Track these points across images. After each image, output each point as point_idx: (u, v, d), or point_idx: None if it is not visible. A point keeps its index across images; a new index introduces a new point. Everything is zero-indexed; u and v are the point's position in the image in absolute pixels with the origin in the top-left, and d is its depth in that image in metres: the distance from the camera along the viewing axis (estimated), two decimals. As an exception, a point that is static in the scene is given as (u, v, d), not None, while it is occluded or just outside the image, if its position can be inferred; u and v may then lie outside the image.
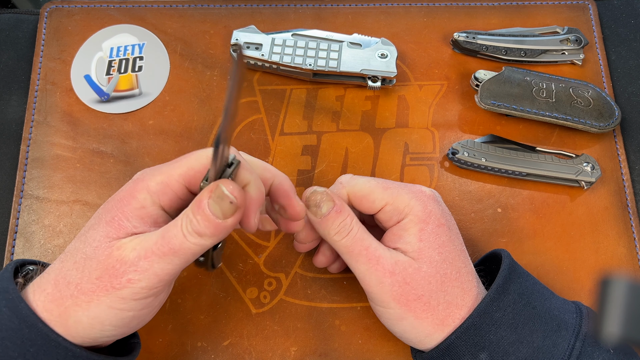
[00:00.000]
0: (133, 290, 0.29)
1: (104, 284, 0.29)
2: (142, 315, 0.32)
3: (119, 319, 0.30)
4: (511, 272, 0.36)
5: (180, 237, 0.29)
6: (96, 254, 0.30)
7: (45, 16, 0.50)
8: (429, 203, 0.36)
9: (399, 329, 0.35)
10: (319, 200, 0.35)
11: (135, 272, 0.29)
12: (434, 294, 0.34)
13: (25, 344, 0.29)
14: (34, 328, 0.29)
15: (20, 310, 0.30)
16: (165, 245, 0.29)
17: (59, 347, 0.30)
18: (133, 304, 0.30)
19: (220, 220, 0.28)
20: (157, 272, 0.29)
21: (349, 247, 0.35)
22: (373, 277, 0.34)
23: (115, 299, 0.29)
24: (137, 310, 0.31)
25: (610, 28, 0.53)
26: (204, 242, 0.29)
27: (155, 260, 0.29)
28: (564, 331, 0.34)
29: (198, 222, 0.28)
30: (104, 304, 0.29)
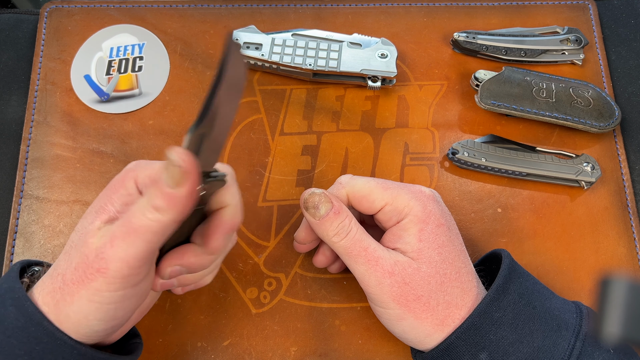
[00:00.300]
0: (105, 280, 0.28)
1: (79, 275, 0.29)
2: (126, 306, 0.30)
3: (102, 313, 0.29)
4: (511, 272, 0.36)
5: (138, 215, 0.28)
6: (79, 242, 0.30)
7: (45, 16, 0.50)
8: (429, 203, 0.36)
9: (398, 329, 0.35)
10: (317, 202, 0.35)
11: (102, 260, 0.28)
12: (434, 294, 0.34)
13: (31, 342, 0.29)
14: (39, 326, 0.29)
15: (27, 309, 0.30)
16: (125, 225, 0.28)
17: (65, 345, 0.30)
18: (110, 296, 0.29)
19: (172, 189, 0.27)
20: (122, 256, 0.28)
21: (347, 248, 0.35)
22: (372, 277, 0.34)
23: (92, 292, 0.29)
24: (117, 302, 0.29)
25: (610, 28, 0.53)
26: (162, 217, 0.27)
27: (118, 244, 0.28)
28: (564, 331, 0.34)
29: (154, 196, 0.27)
30: (83, 297, 0.29)
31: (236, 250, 0.43)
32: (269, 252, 0.43)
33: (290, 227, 0.44)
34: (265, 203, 0.45)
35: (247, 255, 0.43)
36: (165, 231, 0.28)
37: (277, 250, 0.43)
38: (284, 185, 0.45)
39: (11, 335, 0.29)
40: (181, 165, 0.26)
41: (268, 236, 0.44)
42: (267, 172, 0.46)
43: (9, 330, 0.29)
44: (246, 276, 0.43)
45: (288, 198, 0.45)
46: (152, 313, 0.39)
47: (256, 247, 0.43)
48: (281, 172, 0.46)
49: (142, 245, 0.28)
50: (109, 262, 0.28)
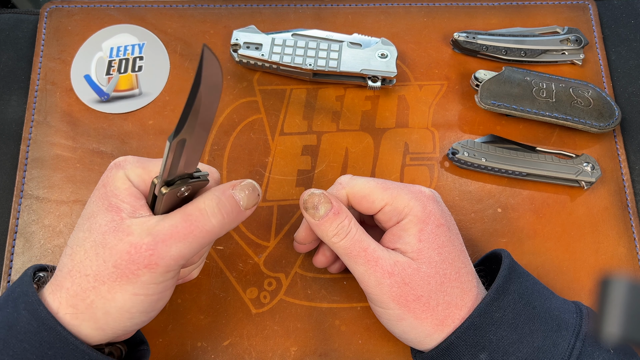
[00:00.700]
0: (153, 274, 0.30)
1: (122, 272, 0.30)
2: (166, 296, 0.32)
3: (146, 304, 0.31)
4: (511, 272, 0.36)
5: (204, 218, 0.30)
6: (107, 241, 0.30)
7: (45, 16, 0.50)
8: (429, 203, 0.36)
9: (398, 329, 0.35)
10: (317, 202, 0.35)
11: (152, 257, 0.29)
12: (434, 294, 0.34)
13: (43, 347, 0.29)
14: (52, 331, 0.29)
15: (39, 314, 0.30)
16: (187, 227, 0.30)
17: (77, 350, 0.30)
18: (155, 288, 0.30)
19: (242, 208, 0.32)
20: (174, 255, 0.30)
21: (347, 249, 0.35)
22: (372, 278, 0.34)
23: (138, 286, 0.30)
24: (160, 293, 0.31)
25: (610, 28, 0.53)
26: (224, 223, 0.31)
27: (174, 244, 0.30)
28: (564, 331, 0.34)
29: (226, 205, 0.31)
30: (127, 292, 0.30)
31: (236, 250, 0.43)
32: (269, 252, 0.43)
33: (290, 227, 0.44)
34: (265, 203, 0.45)
35: (247, 255, 0.43)
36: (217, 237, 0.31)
37: (277, 250, 0.43)
38: (284, 185, 0.45)
39: (24, 340, 0.29)
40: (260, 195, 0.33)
41: (268, 236, 0.44)
42: (267, 172, 0.46)
43: (22, 335, 0.29)
44: (246, 276, 0.43)
45: (288, 198, 0.45)
46: (152, 313, 0.39)
47: (256, 247, 0.43)
48: (281, 172, 0.46)
49: (197, 246, 0.30)
50: (159, 259, 0.30)
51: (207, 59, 0.25)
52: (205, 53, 0.24)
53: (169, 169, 0.29)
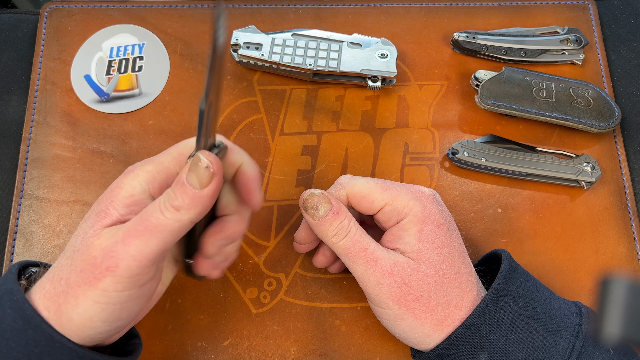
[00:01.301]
0: (114, 280, 0.28)
1: (87, 277, 0.29)
2: (131, 307, 0.30)
3: (107, 314, 0.29)
4: (511, 272, 0.36)
5: (157, 213, 0.28)
6: (81, 246, 0.30)
7: (45, 16, 0.50)
8: (429, 203, 0.36)
9: (398, 329, 0.35)
10: (316, 203, 0.35)
11: (112, 259, 0.28)
12: (433, 294, 0.34)
13: (29, 345, 0.29)
14: (38, 329, 0.29)
15: (25, 311, 0.30)
16: (141, 224, 0.28)
17: (63, 347, 0.30)
18: (117, 296, 0.29)
19: (197, 189, 0.28)
20: (134, 254, 0.28)
21: (347, 249, 0.35)
22: (372, 278, 0.34)
23: (99, 293, 0.29)
24: (122, 302, 0.29)
25: (610, 28, 0.53)
26: (182, 216, 0.28)
27: (132, 242, 0.28)
28: (564, 331, 0.34)
29: (175, 195, 0.28)
30: (89, 299, 0.29)
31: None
32: (269, 252, 0.43)
33: (290, 227, 0.44)
34: (265, 203, 0.45)
35: (247, 255, 0.43)
36: (182, 231, 0.29)
37: (277, 250, 0.43)
38: (284, 185, 0.45)
39: (9, 338, 0.29)
40: (208, 166, 0.28)
41: (268, 236, 0.44)
42: (267, 172, 0.46)
43: (7, 333, 0.29)
44: (246, 276, 0.43)
45: (288, 198, 0.45)
46: (152, 313, 0.39)
47: (256, 247, 0.43)
48: (281, 172, 0.46)
49: (157, 244, 0.28)
50: (119, 260, 0.28)
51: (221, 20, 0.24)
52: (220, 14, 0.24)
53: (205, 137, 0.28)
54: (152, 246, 0.28)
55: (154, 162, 0.32)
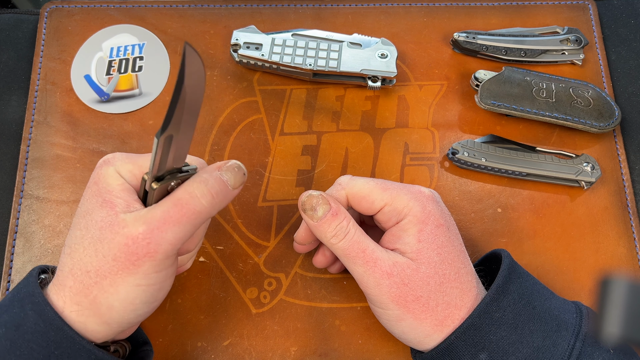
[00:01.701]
0: (153, 263, 0.30)
1: (123, 264, 0.30)
2: (166, 287, 0.33)
3: (148, 295, 0.31)
4: (511, 272, 0.36)
5: (194, 200, 0.31)
6: (104, 236, 0.30)
7: (45, 16, 0.50)
8: (428, 204, 0.36)
9: (398, 330, 0.35)
10: (315, 204, 0.35)
11: (150, 245, 0.30)
12: (433, 294, 0.34)
13: (50, 347, 0.30)
14: (59, 331, 0.30)
15: (47, 314, 0.30)
16: (178, 211, 0.30)
17: (83, 350, 0.30)
18: (156, 277, 0.31)
19: (230, 188, 0.32)
20: (171, 239, 0.30)
21: (346, 250, 0.35)
22: (371, 279, 0.34)
23: (140, 276, 0.30)
24: (161, 282, 0.31)
25: (610, 28, 0.53)
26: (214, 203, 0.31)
27: (169, 228, 0.30)
28: (564, 331, 0.34)
29: (213, 185, 0.31)
30: (129, 283, 0.30)
31: (236, 250, 0.43)
32: (269, 252, 0.43)
33: (290, 227, 0.44)
34: (265, 203, 0.45)
35: (247, 255, 0.43)
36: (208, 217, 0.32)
37: (277, 250, 0.43)
38: (284, 185, 0.45)
39: (31, 340, 0.30)
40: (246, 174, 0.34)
41: (268, 236, 0.44)
42: (267, 172, 0.46)
43: (29, 335, 0.30)
44: (246, 276, 0.43)
45: (288, 198, 0.45)
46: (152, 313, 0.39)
47: (256, 247, 0.43)
48: (281, 172, 0.46)
49: (191, 228, 0.31)
50: (158, 246, 0.30)
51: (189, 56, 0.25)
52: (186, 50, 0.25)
53: (158, 164, 0.30)
54: (187, 231, 0.31)
55: (134, 164, 0.33)
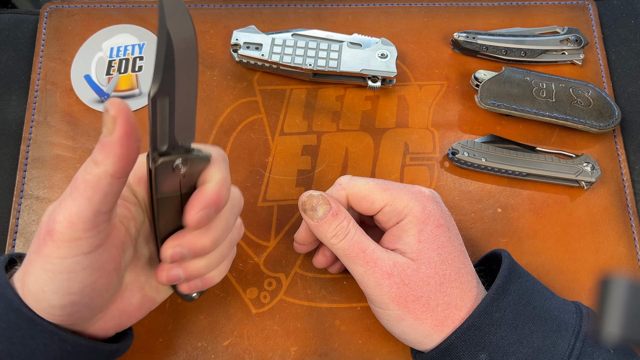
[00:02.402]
0: (53, 244, 0.28)
1: (37, 246, 0.29)
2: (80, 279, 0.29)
3: (55, 284, 0.29)
4: (511, 272, 0.36)
5: (81, 174, 0.28)
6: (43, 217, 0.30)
7: (45, 16, 0.50)
8: (428, 204, 0.36)
9: (398, 330, 0.35)
10: (315, 204, 0.35)
11: (50, 222, 0.28)
12: (433, 294, 0.34)
13: (12, 328, 0.29)
14: (19, 312, 0.29)
15: (7, 296, 0.30)
16: (71, 186, 0.28)
17: (45, 330, 0.30)
18: (60, 263, 0.28)
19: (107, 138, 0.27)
20: (66, 216, 0.27)
21: (346, 250, 0.35)
22: (371, 279, 0.34)
23: (43, 259, 0.28)
24: (69, 272, 0.29)
25: (610, 28, 0.53)
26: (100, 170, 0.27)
27: (65, 206, 0.28)
28: (564, 331, 0.34)
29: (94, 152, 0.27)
30: (38, 267, 0.29)
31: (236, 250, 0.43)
32: (269, 252, 0.43)
33: (290, 227, 0.44)
34: (265, 203, 0.45)
35: (247, 255, 0.43)
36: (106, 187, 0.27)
37: (277, 250, 0.43)
38: (284, 185, 0.45)
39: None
40: (109, 109, 0.26)
41: (268, 236, 0.44)
42: (267, 172, 0.46)
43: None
44: (246, 276, 0.43)
45: (288, 198, 0.45)
46: (152, 313, 0.39)
47: (256, 247, 0.43)
48: (281, 172, 0.46)
49: (84, 203, 0.27)
50: (55, 224, 0.28)
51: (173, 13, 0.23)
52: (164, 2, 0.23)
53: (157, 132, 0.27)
54: (81, 206, 0.27)
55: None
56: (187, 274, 0.33)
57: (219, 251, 0.34)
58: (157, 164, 0.28)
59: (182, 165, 0.29)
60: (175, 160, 0.28)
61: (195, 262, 0.33)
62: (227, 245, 0.35)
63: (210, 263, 0.34)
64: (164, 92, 0.26)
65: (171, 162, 0.29)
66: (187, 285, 0.34)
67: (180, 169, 0.29)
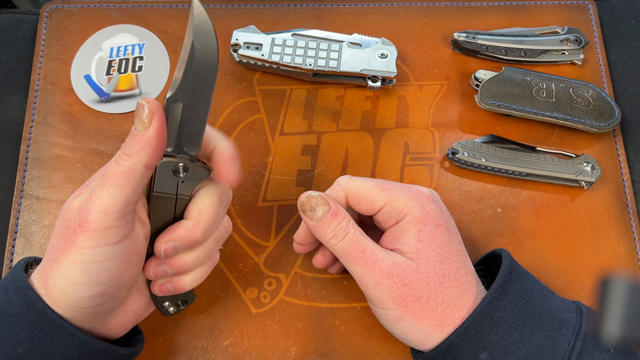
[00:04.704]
0: (86, 235, 0.29)
1: (65, 239, 0.30)
2: (109, 268, 0.30)
3: (86, 275, 0.30)
4: (511, 271, 0.36)
5: (113, 164, 0.29)
6: (60, 214, 0.31)
7: (45, 16, 0.50)
8: (428, 204, 0.36)
9: (398, 330, 0.35)
10: (314, 205, 0.35)
11: (82, 214, 0.29)
12: (433, 294, 0.34)
13: (33, 330, 0.30)
14: (42, 314, 0.30)
15: (29, 297, 0.30)
16: (102, 178, 0.29)
17: (66, 332, 0.30)
18: (92, 253, 0.29)
19: (141, 132, 0.29)
20: (99, 206, 0.29)
21: (345, 251, 0.35)
22: (370, 279, 0.34)
23: (75, 252, 0.29)
24: (100, 261, 0.30)
25: (610, 28, 0.53)
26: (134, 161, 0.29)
27: (96, 195, 0.29)
28: (564, 330, 0.34)
29: (127, 143, 0.29)
30: (68, 259, 0.29)
31: (236, 250, 0.43)
32: (269, 252, 0.43)
33: (290, 227, 0.44)
34: (265, 203, 0.45)
35: (247, 255, 0.43)
36: (138, 177, 0.29)
37: (277, 250, 0.43)
38: (284, 185, 0.45)
39: (15, 323, 0.30)
40: (146, 106, 0.29)
41: (268, 236, 0.44)
42: (267, 172, 0.46)
43: (12, 318, 0.30)
44: (246, 276, 0.43)
45: (288, 198, 0.45)
46: (152, 313, 0.39)
47: (256, 247, 0.43)
48: (281, 172, 0.46)
49: (118, 193, 0.29)
50: (88, 214, 0.29)
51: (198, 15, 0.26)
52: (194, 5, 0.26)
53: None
54: (114, 196, 0.29)
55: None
56: (174, 269, 0.34)
57: (207, 246, 0.35)
58: (160, 162, 0.30)
59: (182, 170, 0.31)
60: (178, 163, 0.30)
61: (182, 256, 0.34)
62: (214, 241, 0.35)
63: (197, 258, 0.35)
64: (179, 97, 0.28)
65: (172, 164, 0.30)
66: (159, 288, 0.35)
67: (180, 173, 0.31)
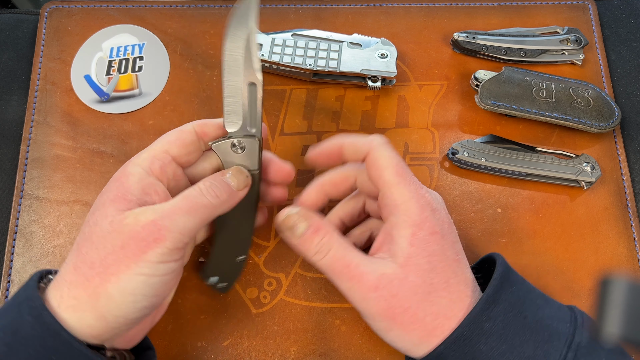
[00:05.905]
0: (160, 250, 0.31)
1: (130, 252, 0.30)
2: (168, 282, 0.33)
3: (148, 286, 0.31)
4: (503, 280, 0.35)
5: (200, 196, 0.33)
6: (114, 227, 0.31)
7: (45, 16, 0.50)
8: (426, 208, 0.35)
9: (388, 338, 0.35)
10: (293, 223, 0.35)
11: (160, 231, 0.31)
12: (421, 304, 0.33)
13: (48, 352, 0.29)
14: (57, 336, 0.29)
15: (44, 318, 0.30)
16: (186, 203, 0.32)
17: (81, 354, 0.30)
18: (160, 268, 0.31)
19: (234, 188, 0.35)
20: (181, 227, 0.31)
21: (329, 267, 0.34)
22: (357, 294, 0.34)
23: (144, 264, 0.31)
24: (163, 274, 0.32)
25: (610, 28, 0.53)
26: (219, 203, 0.34)
27: (179, 217, 0.32)
28: (556, 341, 0.33)
29: (217, 186, 0.34)
30: (132, 271, 0.30)
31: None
32: (269, 252, 0.43)
33: (290, 227, 0.44)
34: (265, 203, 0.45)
35: (247, 255, 0.43)
36: (214, 215, 0.34)
37: (277, 250, 0.43)
38: (284, 185, 0.45)
39: (28, 345, 0.29)
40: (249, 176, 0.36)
41: (268, 236, 0.44)
42: (267, 172, 0.46)
43: (26, 340, 0.29)
44: (246, 276, 0.43)
45: (288, 198, 0.45)
46: (152, 313, 0.39)
47: (256, 247, 0.43)
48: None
49: (198, 221, 0.33)
50: (167, 232, 0.31)
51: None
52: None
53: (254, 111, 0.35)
54: (195, 221, 0.32)
55: (147, 150, 0.36)
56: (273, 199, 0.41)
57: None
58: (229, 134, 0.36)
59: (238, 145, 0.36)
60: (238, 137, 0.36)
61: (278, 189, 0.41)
62: None
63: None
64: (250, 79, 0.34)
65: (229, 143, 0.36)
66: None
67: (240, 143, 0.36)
